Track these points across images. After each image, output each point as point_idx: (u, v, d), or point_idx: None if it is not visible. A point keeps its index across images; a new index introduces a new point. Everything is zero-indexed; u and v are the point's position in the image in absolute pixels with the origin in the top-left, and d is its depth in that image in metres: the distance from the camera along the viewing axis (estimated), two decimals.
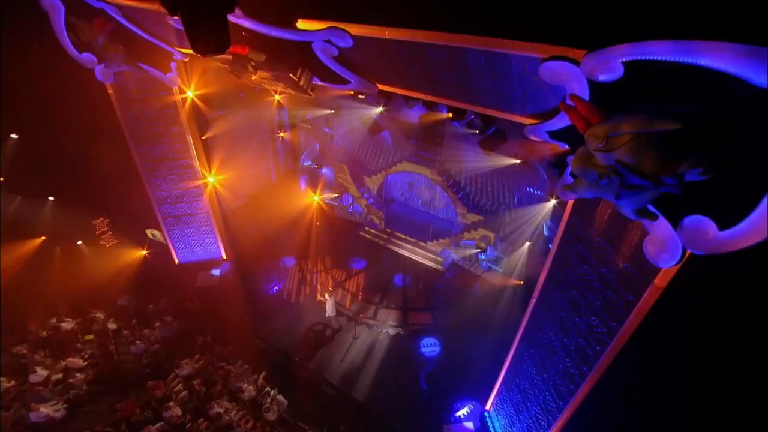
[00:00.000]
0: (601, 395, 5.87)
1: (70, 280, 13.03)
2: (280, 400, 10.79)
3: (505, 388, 9.16)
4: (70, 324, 12.57)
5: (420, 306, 13.54)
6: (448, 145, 14.63)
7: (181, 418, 10.22)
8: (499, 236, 13.98)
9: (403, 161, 15.04)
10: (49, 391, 10.80)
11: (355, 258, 15.46)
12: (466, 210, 14.50)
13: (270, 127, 17.51)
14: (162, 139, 12.06)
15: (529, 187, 13.11)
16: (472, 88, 5.89)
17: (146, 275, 14.05)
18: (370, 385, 11.03)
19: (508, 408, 9.07)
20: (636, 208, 4.32)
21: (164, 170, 12.59)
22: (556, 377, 6.91)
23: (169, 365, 11.61)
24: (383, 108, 14.97)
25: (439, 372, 11.46)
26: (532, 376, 7.80)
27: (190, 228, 13.94)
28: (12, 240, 12.61)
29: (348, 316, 13.03)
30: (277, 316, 12.99)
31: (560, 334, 6.75)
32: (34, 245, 13.00)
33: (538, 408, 7.60)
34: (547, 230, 13.34)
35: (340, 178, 16.42)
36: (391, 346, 12.11)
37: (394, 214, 16.77)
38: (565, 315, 6.56)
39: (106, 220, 14.16)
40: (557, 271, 6.81)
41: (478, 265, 14.83)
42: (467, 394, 10.83)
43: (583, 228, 6.00)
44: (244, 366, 11.67)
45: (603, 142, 3.90)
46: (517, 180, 13.27)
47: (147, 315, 12.98)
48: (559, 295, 6.74)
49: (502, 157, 12.50)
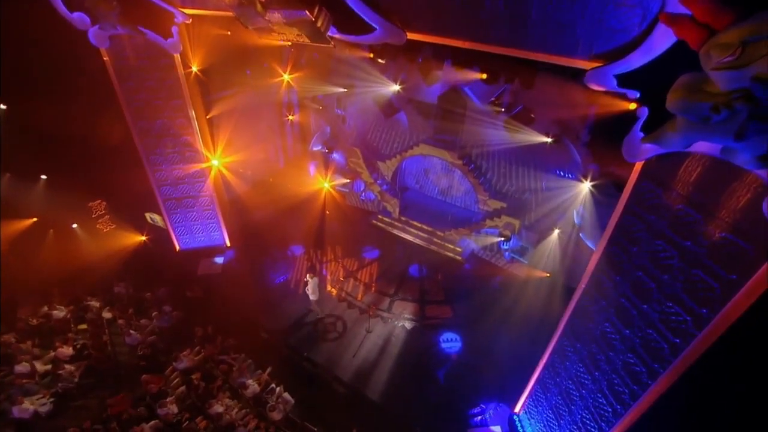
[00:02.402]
0: (681, 400, 4.80)
1: (64, 266, 12.17)
2: (286, 398, 9.79)
3: (540, 389, 8.11)
4: (62, 312, 11.73)
5: (438, 298, 12.50)
6: (469, 127, 13.60)
7: (178, 415, 9.29)
8: (525, 224, 12.90)
9: (421, 144, 14.01)
10: (36, 383, 9.94)
11: (368, 247, 14.46)
12: (488, 196, 13.45)
13: (278, 110, 16.60)
14: (162, 113, 11.14)
15: (559, 169, 12.02)
16: (525, 22, 4.86)
17: (145, 262, 13.18)
18: (385, 382, 10.01)
19: (543, 411, 8.02)
20: (763, 153, 3.24)
21: (165, 148, 11.68)
22: (613, 376, 5.85)
23: (167, 358, 10.72)
24: (400, 86, 13.98)
25: (461, 370, 10.42)
26: (578, 375, 6.75)
27: (192, 212, 13.03)
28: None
29: (360, 308, 12.02)
30: (284, 308, 12.02)
31: (619, 325, 5.69)
32: (24, 226, 12.12)
33: (586, 412, 6.54)
34: (578, 218, 12.25)
35: (352, 162, 15.42)
36: (407, 341, 11.08)
37: (409, 202, 15.76)
38: (627, 302, 5.50)
39: (103, 202, 13.28)
40: (616, 250, 5.74)
41: (500, 256, 13.77)
42: (492, 394, 9.80)
43: (657, 195, 4.94)
44: (248, 360, 10.71)
45: (736, 52, 2.86)
46: (546, 162, 12.18)
47: (144, 304, 12.10)
48: (619, 278, 5.68)
49: (531, 135, 11.41)
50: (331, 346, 10.91)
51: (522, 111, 11.95)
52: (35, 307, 11.66)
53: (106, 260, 12.80)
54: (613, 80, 4.83)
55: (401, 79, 13.95)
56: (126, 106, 10.79)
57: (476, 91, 13.01)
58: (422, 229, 14.86)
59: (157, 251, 13.50)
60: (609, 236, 5.82)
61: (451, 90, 13.53)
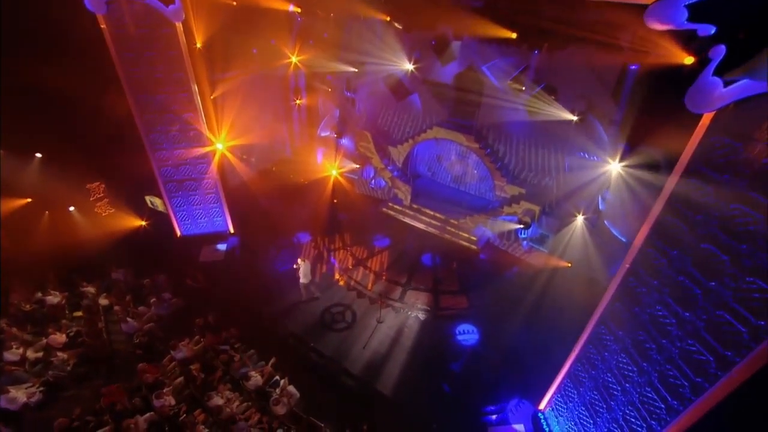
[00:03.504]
0: (762, 395, 4.03)
1: (60, 250, 11.58)
2: (290, 391, 9.07)
3: (571, 383, 7.34)
4: (56, 298, 11.15)
5: (453, 289, 11.75)
6: (486, 109, 12.85)
7: (175, 407, 8.64)
8: (545, 210, 12.13)
9: (434, 127, 13.28)
10: (26, 371, 9.35)
11: (378, 235, 13.75)
12: (506, 182, 12.67)
13: (285, 95, 15.96)
14: (164, 87, 10.52)
15: (583, 151, 11.23)
16: None
17: (144, 248, 12.55)
18: (398, 376, 9.30)
19: (575, 408, 7.25)
20: None
21: (166, 125, 11.06)
22: (666, 367, 5.09)
23: (165, 347, 10.06)
24: (413, 66, 13.28)
25: (478, 364, 9.68)
26: (620, 366, 5.98)
27: (194, 195, 12.40)
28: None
29: (371, 297, 11.31)
30: (289, 297, 11.33)
31: (676, 307, 4.92)
32: (17, 206, 11.52)
33: (629, 409, 5.77)
34: (604, 204, 11.47)
35: (362, 147, 14.72)
36: (421, 333, 10.36)
37: (421, 189, 15.04)
38: (689, 280, 4.73)
39: (102, 185, 12.68)
40: (673, 219, 4.98)
41: (517, 245, 12.99)
42: (513, 390, 9.05)
43: (734, 150, 4.18)
44: (250, 351, 10.06)
45: None
46: (569, 143, 11.40)
47: (143, 291, 11.47)
48: (676, 252, 4.92)
49: (555, 113, 10.64)
50: (340, 337, 10.22)
51: (545, 89, 11.23)
52: (28, 292, 11.10)
53: (104, 245, 12.19)
54: (682, 13, 4.08)
55: (415, 58, 13.27)
56: (125, 78, 10.18)
57: (495, 70, 12.26)
58: (435, 217, 14.12)
59: (158, 237, 12.87)
60: (665, 201, 5.05)
61: (468, 69, 12.81)
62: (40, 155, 11.53)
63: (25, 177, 11.34)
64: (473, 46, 12.41)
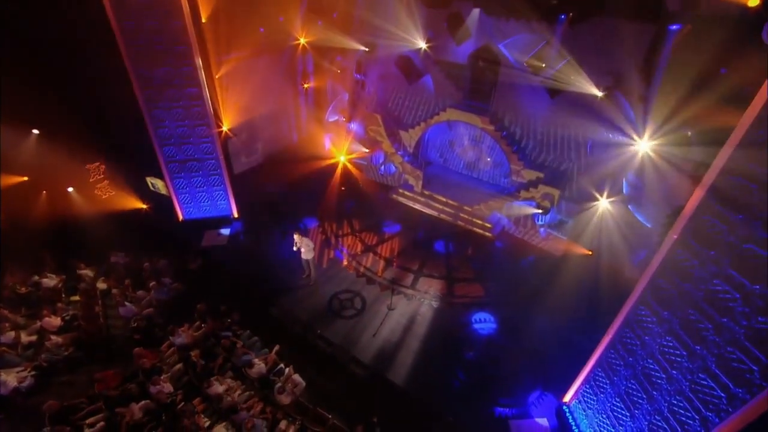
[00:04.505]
0: None
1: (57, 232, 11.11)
2: (296, 380, 8.49)
3: (602, 372, 6.70)
4: (53, 280, 10.69)
5: (468, 276, 11.12)
6: (503, 89, 12.24)
7: (172, 395, 8.11)
8: (565, 195, 11.46)
9: (448, 109, 12.65)
10: (18, 354, 8.87)
11: (388, 221, 13.15)
12: (522, 166, 12.02)
13: (292, 78, 15.41)
14: (166, 59, 10.00)
15: (607, 131, 10.57)
16: None
17: (145, 231, 12.05)
18: (410, 365, 8.69)
19: (607, 399, 6.61)
20: None
21: (168, 101, 10.54)
22: (727, 349, 4.45)
23: (163, 333, 9.54)
24: (426, 45, 12.69)
25: (496, 353, 9.04)
26: (665, 351, 5.34)
27: (197, 177, 11.88)
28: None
29: (381, 284, 10.72)
30: (294, 282, 10.77)
31: (741, 278, 4.27)
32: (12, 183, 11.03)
33: (678, 398, 5.13)
34: (629, 187, 10.79)
35: (372, 131, 14.13)
36: (434, 320, 9.74)
37: (432, 177, 14.42)
38: (756, 246, 4.10)
39: (102, 165, 12.18)
40: (734, 180, 4.34)
41: (534, 232, 12.34)
42: (534, 382, 8.43)
43: None
44: (253, 338, 9.52)
45: None
46: (592, 123, 10.73)
47: (143, 275, 10.96)
48: (741, 216, 4.28)
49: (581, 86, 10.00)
50: (349, 324, 9.63)
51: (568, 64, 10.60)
52: (24, 274, 10.65)
53: (104, 228, 11.70)
54: None
55: (428, 37, 12.69)
56: (125, 49, 9.67)
57: (513, 48, 11.63)
58: (447, 203, 13.49)
59: (159, 221, 12.36)
60: (726, 160, 4.41)
61: (484, 47, 12.19)
62: (37, 131, 11.03)
63: (21, 154, 10.87)
64: (490, 23, 11.82)
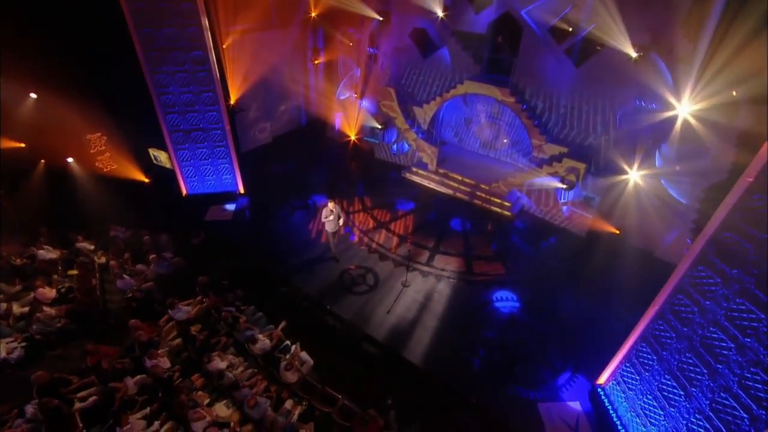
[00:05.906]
0: None
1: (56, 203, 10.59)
2: (303, 357, 7.82)
3: (649, 347, 5.95)
4: (50, 253, 10.16)
5: (486, 254, 10.41)
6: (524, 59, 11.53)
7: (169, 370, 7.49)
8: (591, 170, 10.72)
9: (466, 81, 11.97)
10: (9, 326, 8.33)
11: (401, 199, 12.49)
12: (545, 140, 11.29)
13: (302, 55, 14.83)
14: (170, 19, 9.45)
15: (640, 99, 9.83)
16: None
17: (147, 205, 11.50)
18: (428, 344, 7.98)
19: (648, 381, 5.87)
20: None
21: (172, 64, 9.99)
22: None
23: (162, 308, 8.94)
24: (443, 14, 12.04)
25: (521, 333, 8.33)
26: (733, 317, 4.60)
27: (202, 148, 11.31)
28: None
29: (395, 260, 10.05)
30: (303, 257, 10.14)
31: None
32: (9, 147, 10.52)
33: (755, 370, 4.38)
34: (662, 159, 10.01)
35: (385, 106, 13.48)
36: (453, 298, 9.04)
37: (448, 154, 13.74)
38: None
39: (104, 137, 11.66)
40: None
41: (557, 210, 11.59)
42: (565, 363, 7.70)
43: None
44: (258, 313, 8.89)
45: None
46: (623, 90, 9.99)
47: (142, 248, 10.41)
48: None
49: (616, 42, 9.28)
50: (361, 300, 8.96)
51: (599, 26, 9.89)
52: (20, 246, 10.15)
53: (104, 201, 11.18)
54: None
55: (444, 5, 12.04)
56: (127, 6, 9.13)
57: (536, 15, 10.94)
58: (463, 182, 12.79)
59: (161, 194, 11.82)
60: None
61: (505, 15, 11.51)
62: (35, 96, 10.51)
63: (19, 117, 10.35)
64: None
